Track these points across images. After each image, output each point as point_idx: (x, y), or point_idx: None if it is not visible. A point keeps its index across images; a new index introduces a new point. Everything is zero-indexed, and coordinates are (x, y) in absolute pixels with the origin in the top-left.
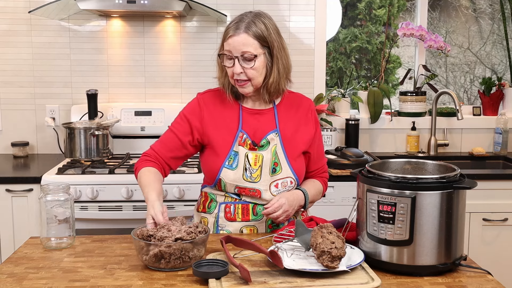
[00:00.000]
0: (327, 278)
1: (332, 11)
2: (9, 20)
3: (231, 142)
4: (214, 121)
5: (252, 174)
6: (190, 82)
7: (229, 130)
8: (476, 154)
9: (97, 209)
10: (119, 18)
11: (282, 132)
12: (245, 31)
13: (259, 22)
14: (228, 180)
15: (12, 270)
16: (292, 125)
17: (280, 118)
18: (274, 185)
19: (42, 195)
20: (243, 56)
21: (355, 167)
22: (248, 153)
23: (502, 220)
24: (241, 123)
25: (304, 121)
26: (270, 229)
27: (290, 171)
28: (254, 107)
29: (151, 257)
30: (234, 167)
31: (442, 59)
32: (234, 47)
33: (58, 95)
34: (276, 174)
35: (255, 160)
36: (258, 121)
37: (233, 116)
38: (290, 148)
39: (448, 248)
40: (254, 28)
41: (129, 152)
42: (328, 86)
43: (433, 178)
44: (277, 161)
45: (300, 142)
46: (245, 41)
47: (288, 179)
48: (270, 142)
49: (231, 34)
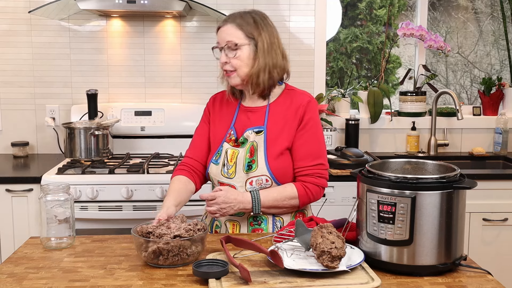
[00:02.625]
0: (327, 278)
1: (332, 11)
2: (9, 20)
3: (221, 139)
4: (215, 119)
5: (228, 170)
6: (190, 82)
7: (223, 127)
8: (476, 154)
9: (97, 209)
10: (119, 18)
11: (269, 129)
12: (230, 22)
13: (249, 17)
14: (212, 174)
15: (12, 270)
16: (280, 123)
17: (270, 115)
18: (249, 182)
19: (42, 195)
20: (227, 45)
21: (355, 167)
22: (228, 149)
23: (502, 220)
24: (234, 120)
25: (292, 117)
26: (251, 226)
27: (266, 169)
28: (249, 105)
29: (150, 253)
30: (218, 162)
31: (442, 59)
32: (220, 37)
33: (58, 95)
34: (251, 171)
35: (231, 156)
36: (248, 119)
37: (231, 113)
38: (273, 146)
39: (448, 248)
40: (240, 20)
41: (129, 152)
42: (328, 86)
43: (433, 178)
44: (254, 159)
45: (284, 139)
46: (229, 30)
47: (263, 177)
48: (247, 139)
49: (219, 26)
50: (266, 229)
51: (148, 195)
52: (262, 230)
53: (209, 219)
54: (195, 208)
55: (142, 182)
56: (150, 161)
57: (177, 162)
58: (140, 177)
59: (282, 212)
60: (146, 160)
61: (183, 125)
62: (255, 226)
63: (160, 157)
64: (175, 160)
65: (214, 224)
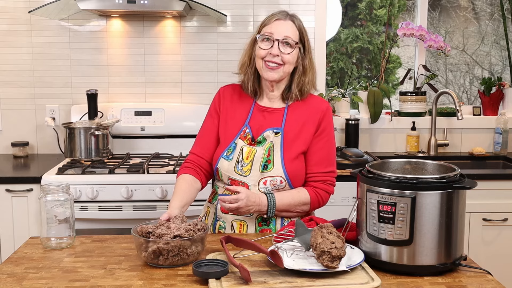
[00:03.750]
0: (327, 278)
1: (332, 11)
2: (9, 20)
3: (234, 135)
4: (227, 113)
5: (243, 168)
6: (190, 82)
7: (236, 124)
8: (476, 154)
9: (97, 209)
10: (119, 18)
11: (286, 131)
12: (291, 19)
13: (298, 19)
14: (223, 170)
15: (12, 270)
16: (298, 126)
17: (288, 118)
18: (263, 181)
19: (42, 195)
20: (284, 40)
21: (355, 167)
22: (244, 147)
23: (502, 220)
24: (249, 118)
25: (310, 122)
26: (260, 227)
27: (281, 170)
28: (266, 105)
29: (150, 253)
30: (230, 158)
31: (442, 59)
32: (277, 30)
33: (58, 95)
34: (267, 171)
35: (248, 154)
36: (265, 118)
37: (245, 111)
38: (290, 148)
39: (448, 248)
40: (298, 21)
41: (129, 152)
42: (329, 86)
43: (433, 178)
44: (270, 159)
45: (301, 142)
46: (291, 28)
47: (278, 178)
48: (266, 139)
49: (278, 18)
50: (274, 230)
51: (148, 195)
52: (270, 231)
53: (210, 220)
54: (195, 208)
55: (142, 182)
56: (150, 161)
57: (177, 162)
58: (140, 177)
59: (291, 216)
60: (146, 160)
61: (183, 125)
62: (264, 227)
63: (160, 157)
64: (175, 160)
65: (217, 225)
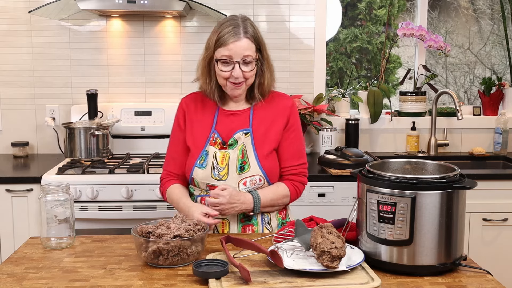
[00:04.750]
0: (327, 278)
1: (332, 11)
2: (9, 20)
3: (204, 142)
4: (192, 123)
5: (219, 172)
6: (190, 82)
7: (203, 131)
8: (476, 154)
9: (97, 209)
10: (119, 18)
11: (255, 131)
12: (245, 36)
13: (250, 25)
14: (199, 178)
15: (12, 270)
16: (266, 123)
17: (255, 117)
18: (242, 182)
19: (42, 195)
20: (244, 60)
21: (355, 167)
22: (217, 152)
23: (502, 220)
24: (215, 124)
25: (279, 118)
26: (242, 223)
27: (258, 168)
28: (231, 109)
29: (150, 253)
30: (204, 166)
31: (442, 59)
32: (235, 52)
33: (58, 95)
34: (244, 172)
35: (222, 159)
36: (231, 122)
37: (210, 117)
38: (261, 146)
39: (448, 248)
40: (251, 33)
41: (129, 152)
42: (328, 86)
43: (433, 178)
44: (245, 159)
45: (272, 139)
46: (247, 45)
47: (257, 176)
48: (237, 141)
49: (233, 40)
50: (256, 224)
51: (148, 195)
52: (252, 226)
53: None
54: None
55: (142, 182)
56: (150, 161)
57: None
58: (140, 177)
59: (272, 211)
60: (146, 160)
61: None
62: (246, 222)
63: (160, 157)
64: None
65: None
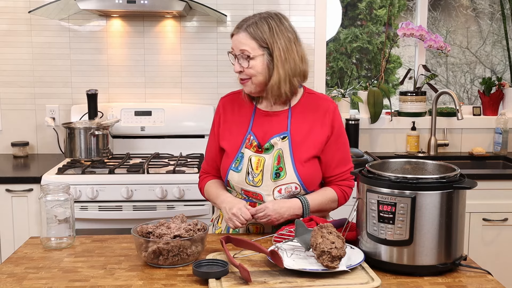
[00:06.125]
0: (327, 278)
1: (332, 11)
2: (9, 20)
3: (239, 144)
4: (229, 124)
5: (254, 178)
6: (190, 82)
7: (240, 132)
8: (476, 154)
9: (97, 209)
10: (119, 18)
11: (293, 135)
12: (243, 30)
13: (263, 23)
14: (234, 182)
15: (12, 270)
16: (305, 128)
17: (293, 120)
18: (277, 190)
19: (42, 195)
20: (241, 54)
21: (355, 167)
22: (252, 156)
23: (502, 220)
24: (251, 125)
25: (319, 123)
26: (275, 228)
27: (295, 176)
28: (267, 109)
29: (150, 253)
30: (239, 169)
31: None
32: (235, 45)
33: (58, 95)
34: (280, 179)
35: (257, 164)
36: (269, 123)
37: (246, 117)
38: (299, 152)
39: (448, 248)
40: (253, 28)
41: (129, 152)
42: (328, 86)
43: (433, 178)
44: (282, 166)
45: (311, 145)
46: (243, 40)
47: (293, 184)
48: (274, 146)
49: (233, 33)
50: None
51: (148, 195)
52: None
53: (223, 224)
54: (195, 208)
55: (142, 182)
56: (150, 161)
57: (177, 162)
58: (140, 177)
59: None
60: (146, 160)
61: (183, 125)
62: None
63: (160, 157)
64: (175, 160)
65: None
